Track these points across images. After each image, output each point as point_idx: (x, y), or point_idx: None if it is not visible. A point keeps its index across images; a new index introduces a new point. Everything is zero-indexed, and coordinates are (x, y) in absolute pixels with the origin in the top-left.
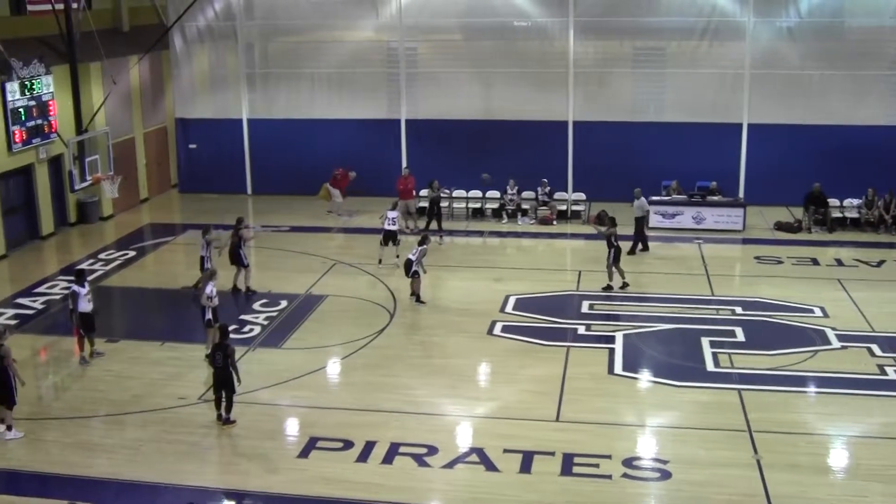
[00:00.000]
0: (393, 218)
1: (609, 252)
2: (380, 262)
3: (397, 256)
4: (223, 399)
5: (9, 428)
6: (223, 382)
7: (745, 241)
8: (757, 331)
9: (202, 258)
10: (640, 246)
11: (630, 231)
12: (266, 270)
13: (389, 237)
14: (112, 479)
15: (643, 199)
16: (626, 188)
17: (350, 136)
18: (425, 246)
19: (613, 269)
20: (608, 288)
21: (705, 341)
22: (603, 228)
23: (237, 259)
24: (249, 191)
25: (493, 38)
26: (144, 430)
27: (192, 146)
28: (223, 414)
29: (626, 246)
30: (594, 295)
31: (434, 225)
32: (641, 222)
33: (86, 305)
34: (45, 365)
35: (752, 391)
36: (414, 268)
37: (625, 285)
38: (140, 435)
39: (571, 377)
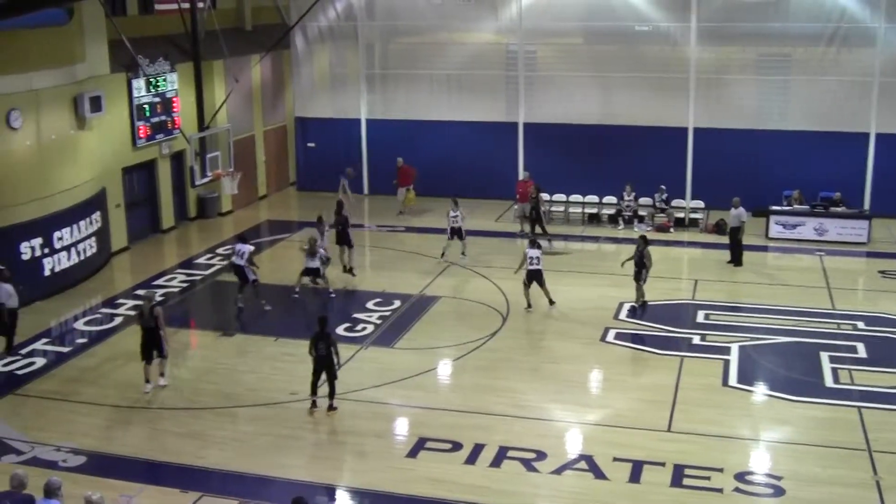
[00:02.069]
0: (455, 216)
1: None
2: (443, 255)
3: (463, 254)
4: (319, 386)
5: (161, 375)
6: (324, 370)
7: (870, 255)
8: (880, 347)
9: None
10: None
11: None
12: (380, 270)
13: (455, 233)
14: (221, 470)
15: (741, 208)
16: (746, 196)
17: (467, 138)
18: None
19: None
20: (642, 305)
21: (824, 356)
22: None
23: (345, 239)
24: (366, 190)
25: (613, 42)
26: (256, 423)
27: (311, 145)
28: (329, 400)
29: (725, 256)
30: (710, 304)
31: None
32: (737, 233)
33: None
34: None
35: (873, 409)
36: (538, 266)
37: (633, 308)
38: (251, 428)
39: (684, 387)
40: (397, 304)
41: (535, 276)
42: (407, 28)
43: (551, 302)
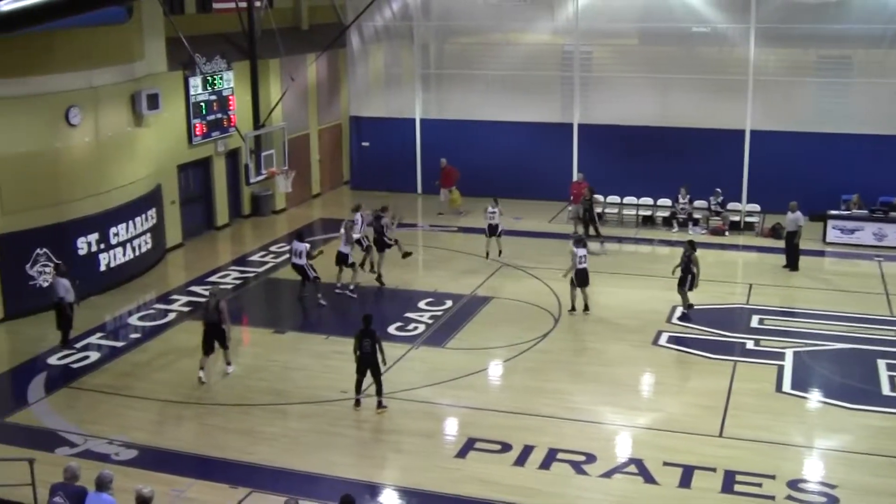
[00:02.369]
0: (493, 213)
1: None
2: (487, 255)
3: (500, 252)
4: (361, 384)
5: (228, 363)
6: (369, 367)
7: None
8: None
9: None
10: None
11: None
12: (433, 270)
13: (492, 230)
14: (270, 467)
15: (798, 212)
16: (804, 200)
17: (521, 139)
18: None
19: (681, 291)
20: (690, 307)
21: (882, 363)
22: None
23: (381, 244)
24: (419, 190)
25: (670, 43)
26: (305, 420)
27: (365, 144)
28: (377, 398)
29: (781, 260)
30: (765, 309)
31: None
32: (793, 238)
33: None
34: (215, 352)
35: None
36: (585, 265)
37: (683, 314)
38: (301, 425)
39: (737, 392)
40: (449, 304)
41: (582, 276)
42: (462, 28)
43: (587, 308)
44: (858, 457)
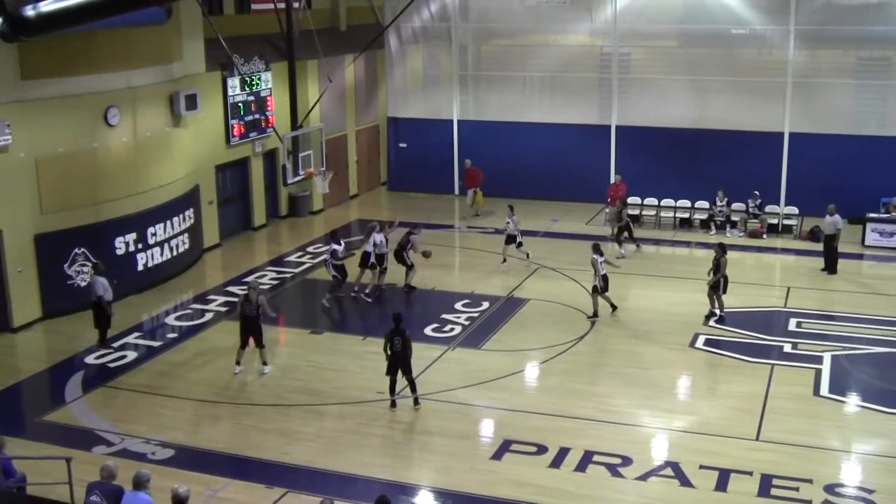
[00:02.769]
0: (508, 222)
1: (717, 279)
2: (504, 260)
3: (527, 255)
4: (395, 384)
5: (264, 364)
6: (400, 366)
7: None
8: None
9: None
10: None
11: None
12: (469, 271)
13: (510, 240)
14: (306, 467)
15: (837, 216)
16: (842, 203)
17: (559, 140)
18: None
19: (714, 296)
20: (711, 315)
21: None
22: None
23: (401, 259)
24: (457, 191)
25: (709, 45)
26: (341, 421)
27: (403, 145)
28: (412, 395)
29: (819, 263)
30: (802, 312)
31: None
32: (832, 241)
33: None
34: (251, 352)
35: None
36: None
37: (721, 318)
38: (336, 426)
39: (774, 396)
40: (485, 305)
41: (605, 281)
42: (500, 30)
43: (594, 315)
44: None
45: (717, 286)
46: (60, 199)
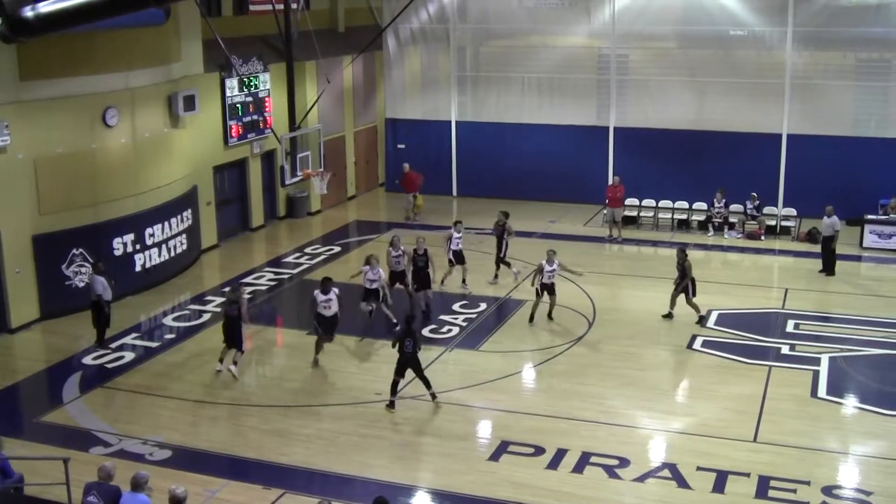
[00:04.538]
0: (458, 238)
1: (681, 283)
2: (442, 281)
3: (464, 281)
4: (397, 385)
5: (234, 363)
6: (411, 367)
7: None
8: None
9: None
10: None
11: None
12: (467, 273)
13: (457, 257)
14: (304, 468)
15: (835, 217)
16: (841, 205)
17: (557, 141)
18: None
19: (678, 299)
20: (702, 318)
21: None
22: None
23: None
24: (455, 192)
25: (707, 46)
26: (339, 422)
27: (401, 146)
28: (429, 390)
29: (817, 265)
30: (800, 314)
31: None
32: (829, 242)
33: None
34: (249, 353)
35: None
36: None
37: (701, 319)
38: (335, 427)
39: (772, 397)
40: (483, 306)
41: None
42: (499, 31)
43: (531, 319)
44: (894, 463)
45: (686, 290)
46: (59, 199)
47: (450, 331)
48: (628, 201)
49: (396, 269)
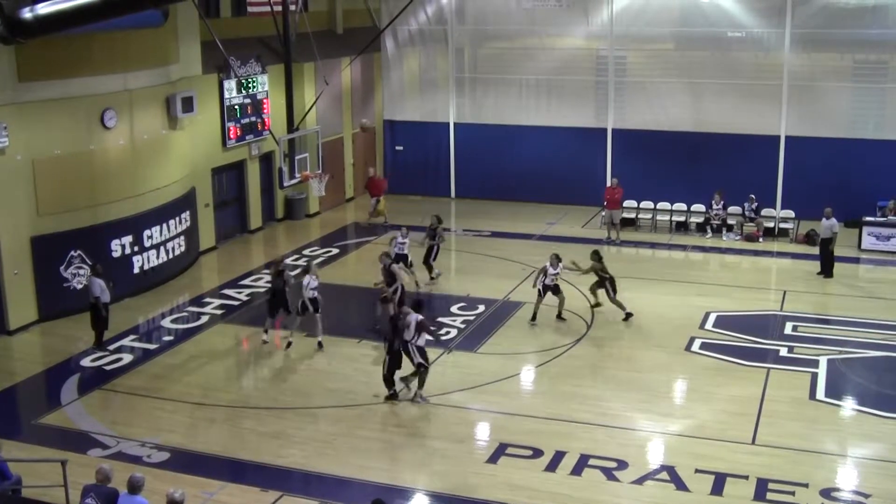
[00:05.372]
0: (402, 243)
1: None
2: (432, 278)
3: (416, 283)
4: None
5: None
6: (394, 362)
7: None
8: None
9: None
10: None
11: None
12: (465, 274)
13: (401, 259)
14: (301, 470)
15: (833, 219)
16: (839, 207)
17: (556, 143)
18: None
19: (613, 302)
20: (629, 316)
21: None
22: (585, 267)
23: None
24: (453, 194)
25: (705, 48)
26: (337, 424)
27: (399, 148)
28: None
29: (815, 267)
30: (798, 316)
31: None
32: (828, 244)
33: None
34: (247, 355)
35: None
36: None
37: (628, 316)
38: (332, 429)
39: (770, 400)
40: (481, 308)
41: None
42: (497, 32)
43: (533, 318)
44: (893, 466)
45: (606, 288)
46: (57, 201)
47: (448, 333)
48: (626, 203)
49: (401, 252)
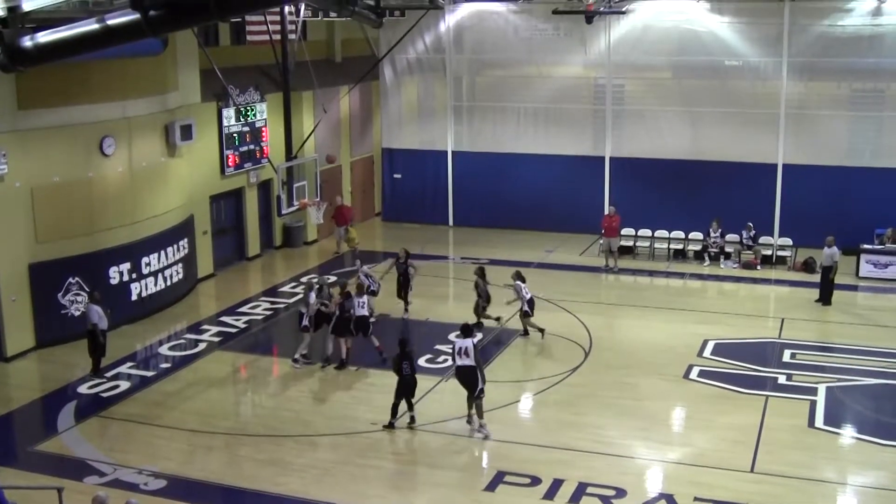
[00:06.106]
0: (362, 303)
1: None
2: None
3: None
4: (398, 408)
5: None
6: (410, 390)
7: None
8: None
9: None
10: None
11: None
12: (463, 302)
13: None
14: (299, 498)
15: (835, 248)
16: (837, 234)
17: (554, 171)
18: None
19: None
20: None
21: None
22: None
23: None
24: (451, 222)
25: (702, 76)
26: (335, 452)
27: (397, 176)
28: (410, 413)
29: (813, 294)
30: (797, 344)
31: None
32: (828, 273)
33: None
34: (245, 382)
35: None
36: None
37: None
38: (330, 456)
39: (769, 427)
40: (479, 336)
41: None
42: (495, 61)
43: (525, 333)
44: (892, 494)
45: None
46: (55, 228)
47: (446, 360)
48: (624, 231)
49: (373, 287)
